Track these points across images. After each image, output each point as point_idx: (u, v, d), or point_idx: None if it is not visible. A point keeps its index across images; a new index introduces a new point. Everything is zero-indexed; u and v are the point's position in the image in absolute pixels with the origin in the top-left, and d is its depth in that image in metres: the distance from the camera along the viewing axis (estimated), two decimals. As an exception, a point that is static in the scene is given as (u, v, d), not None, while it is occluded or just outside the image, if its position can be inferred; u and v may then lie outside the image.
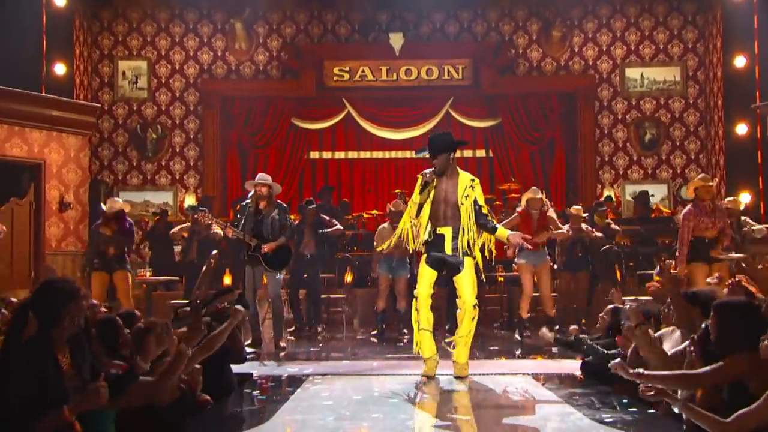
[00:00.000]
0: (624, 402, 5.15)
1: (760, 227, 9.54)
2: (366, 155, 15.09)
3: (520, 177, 14.31)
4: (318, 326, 10.15)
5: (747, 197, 12.09)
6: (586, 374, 6.09)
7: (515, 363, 7.57)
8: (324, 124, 14.89)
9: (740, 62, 12.73)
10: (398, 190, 12.34)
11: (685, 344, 4.41)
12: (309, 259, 9.97)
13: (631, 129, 14.60)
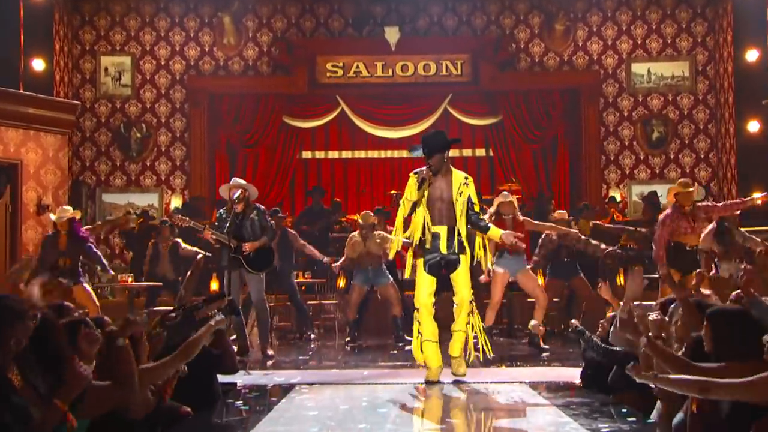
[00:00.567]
0: (622, 412, 5.12)
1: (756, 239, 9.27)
2: (361, 155, 14.95)
3: (522, 177, 14.21)
4: (310, 332, 10.34)
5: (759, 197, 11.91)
6: (586, 382, 6.09)
7: (512, 371, 7.56)
8: (317, 123, 14.70)
9: (752, 56, 12.66)
10: (393, 192, 12.32)
11: None
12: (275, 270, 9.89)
13: (638, 127, 14.40)
